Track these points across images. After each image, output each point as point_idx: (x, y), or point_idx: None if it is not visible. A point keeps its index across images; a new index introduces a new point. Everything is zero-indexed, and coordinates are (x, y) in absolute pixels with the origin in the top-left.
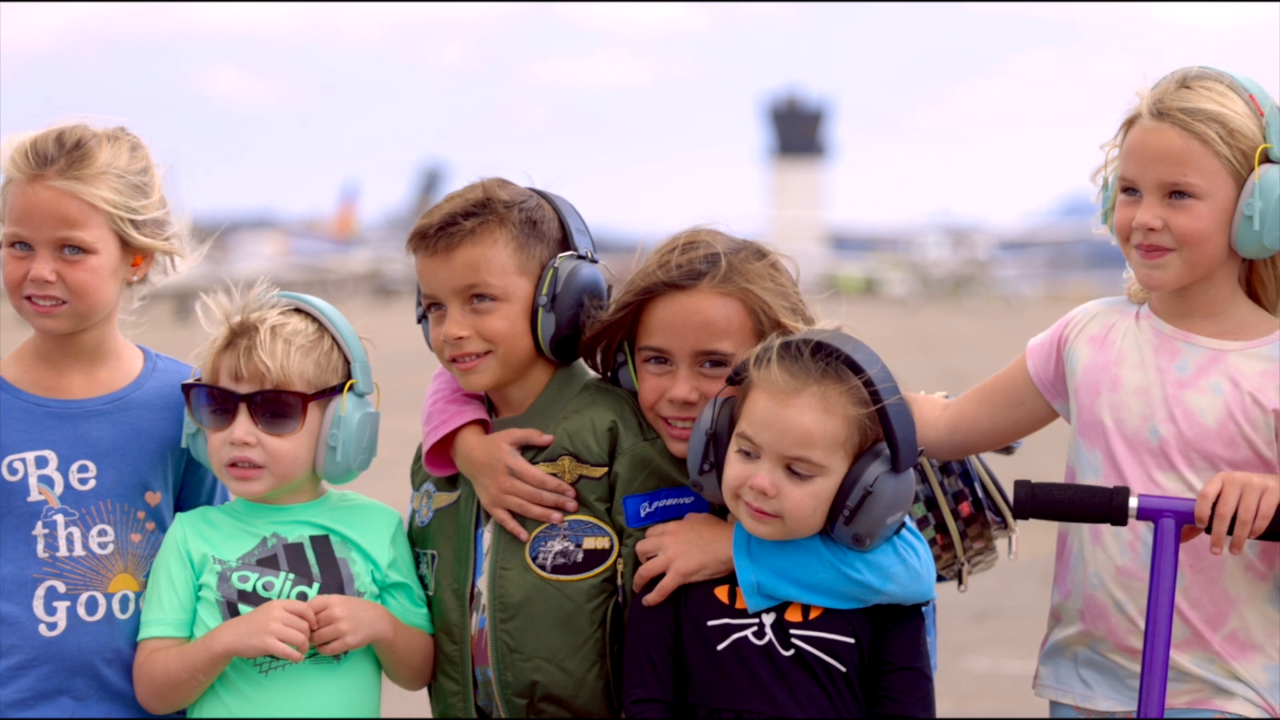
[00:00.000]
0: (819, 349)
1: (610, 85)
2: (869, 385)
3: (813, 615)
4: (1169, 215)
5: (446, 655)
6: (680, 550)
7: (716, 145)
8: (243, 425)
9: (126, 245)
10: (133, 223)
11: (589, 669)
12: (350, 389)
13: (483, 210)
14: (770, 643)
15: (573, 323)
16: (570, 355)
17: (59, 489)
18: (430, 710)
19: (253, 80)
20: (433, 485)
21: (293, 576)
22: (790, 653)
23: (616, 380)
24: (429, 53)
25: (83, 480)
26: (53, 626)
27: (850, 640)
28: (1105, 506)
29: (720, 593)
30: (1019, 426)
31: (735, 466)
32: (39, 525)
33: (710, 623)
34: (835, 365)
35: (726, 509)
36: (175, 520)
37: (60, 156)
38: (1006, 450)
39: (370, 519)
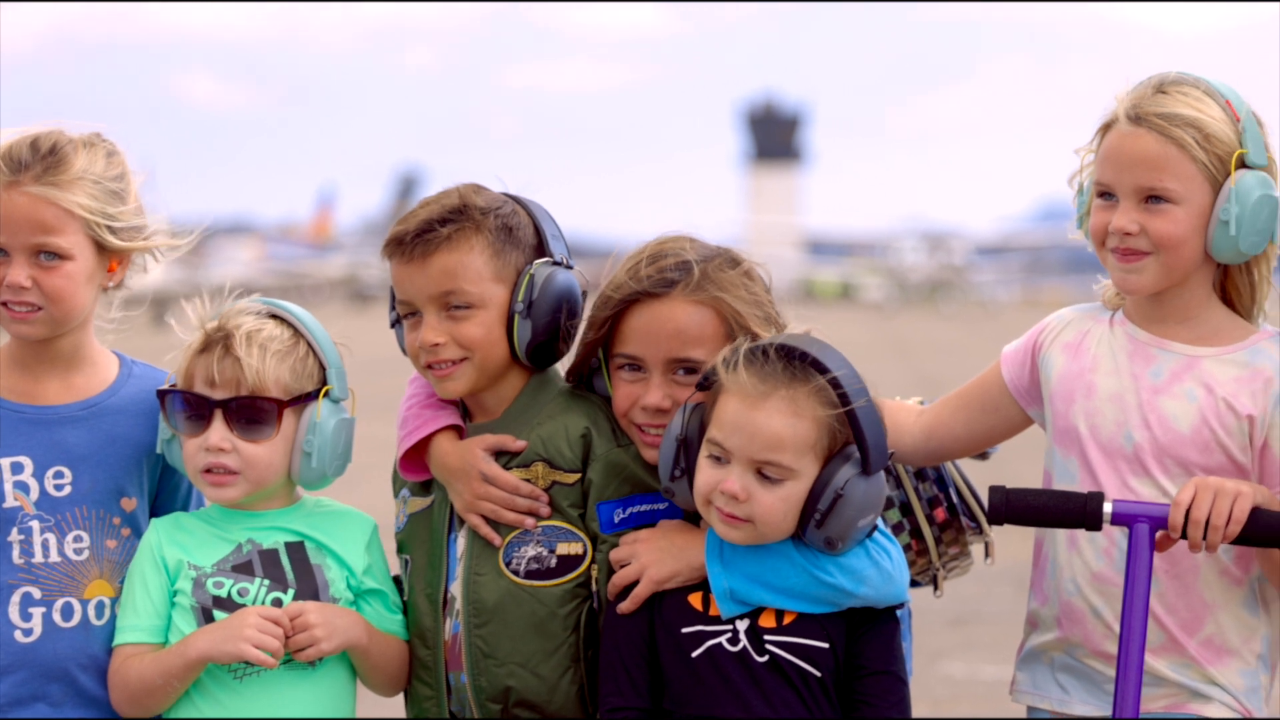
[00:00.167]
0: (786, 352)
1: (584, 90)
2: (837, 387)
3: (787, 620)
4: (1145, 220)
5: (420, 660)
6: (653, 558)
7: (692, 150)
8: (218, 431)
9: (102, 251)
10: (109, 229)
11: (563, 674)
12: (326, 395)
13: (459, 217)
14: (745, 649)
15: (549, 329)
16: (545, 361)
17: (34, 495)
18: (405, 715)
19: (227, 85)
20: (408, 490)
21: (268, 583)
22: (765, 658)
23: (591, 386)
24: (399, 57)
25: (58, 486)
26: (28, 633)
27: (825, 645)
28: (1080, 512)
29: (694, 599)
30: (994, 433)
31: (706, 472)
32: (14, 531)
33: (684, 630)
34: (803, 368)
35: (699, 515)
36: (150, 526)
37: (36, 162)
38: (982, 456)
39: (346, 525)
